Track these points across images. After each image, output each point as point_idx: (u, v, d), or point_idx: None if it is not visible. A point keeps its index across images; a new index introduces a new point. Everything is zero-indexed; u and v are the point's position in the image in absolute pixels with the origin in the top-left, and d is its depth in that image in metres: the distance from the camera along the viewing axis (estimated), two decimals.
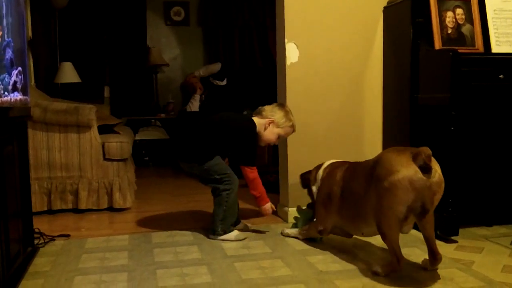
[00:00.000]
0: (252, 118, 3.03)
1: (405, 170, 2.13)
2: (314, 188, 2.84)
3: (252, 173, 2.91)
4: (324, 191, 2.70)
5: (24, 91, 2.40)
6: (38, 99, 3.84)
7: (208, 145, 2.93)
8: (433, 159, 2.19)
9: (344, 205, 2.55)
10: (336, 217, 2.63)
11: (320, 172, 2.81)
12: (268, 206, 3.00)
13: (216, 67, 6.54)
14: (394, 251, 2.20)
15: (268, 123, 2.98)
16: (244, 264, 2.50)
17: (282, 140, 3.21)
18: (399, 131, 3.24)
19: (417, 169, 2.11)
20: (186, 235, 3.04)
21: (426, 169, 2.11)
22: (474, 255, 2.57)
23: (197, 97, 6.45)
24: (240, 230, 3.05)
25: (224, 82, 6.42)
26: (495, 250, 2.65)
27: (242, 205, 3.35)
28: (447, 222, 2.79)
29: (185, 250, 2.74)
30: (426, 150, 2.16)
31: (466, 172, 2.93)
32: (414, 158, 2.14)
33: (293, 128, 3.04)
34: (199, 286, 2.21)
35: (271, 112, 3.00)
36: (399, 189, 2.12)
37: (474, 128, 2.93)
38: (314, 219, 2.85)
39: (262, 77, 6.13)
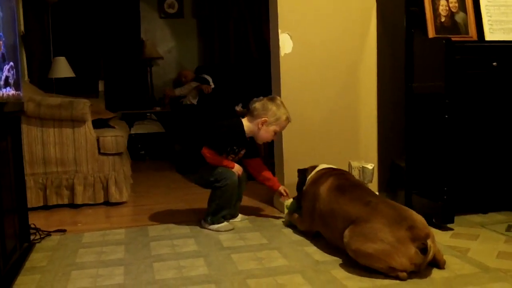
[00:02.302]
0: (244, 119, 3.00)
1: (404, 249, 2.07)
2: (304, 188, 2.88)
3: (209, 153, 2.91)
4: (309, 200, 2.72)
5: (16, 86, 2.39)
6: (32, 94, 3.82)
7: (197, 154, 2.95)
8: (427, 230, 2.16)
9: (326, 226, 2.55)
10: (319, 228, 2.65)
11: (311, 174, 2.85)
12: (238, 167, 3.01)
13: (193, 85, 6.42)
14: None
15: (261, 123, 2.94)
16: (240, 255, 2.50)
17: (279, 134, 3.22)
18: (394, 120, 3.24)
19: (416, 250, 2.07)
20: (183, 228, 3.05)
21: (424, 250, 2.08)
22: (470, 242, 2.58)
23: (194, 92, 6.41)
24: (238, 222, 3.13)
25: (212, 85, 6.35)
26: (491, 237, 2.66)
27: (245, 200, 3.38)
28: (442, 210, 2.80)
29: (181, 243, 2.74)
30: (425, 230, 2.12)
31: (461, 160, 2.93)
32: (413, 239, 2.07)
33: (288, 120, 2.98)
34: (196, 278, 2.21)
35: (263, 110, 2.93)
36: (398, 266, 2.09)
37: (468, 115, 2.93)
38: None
39: (258, 69, 6.11)
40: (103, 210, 3.66)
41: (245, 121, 2.99)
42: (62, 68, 5.66)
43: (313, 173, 2.85)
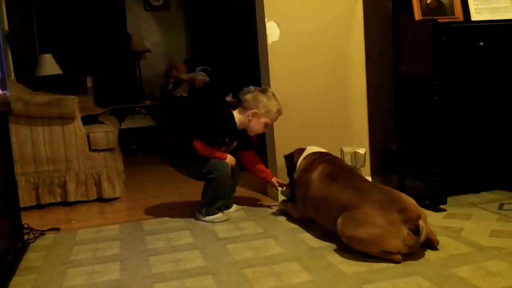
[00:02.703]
0: (235, 111, 3.00)
1: (397, 231, 2.08)
2: (295, 175, 2.88)
3: (201, 145, 2.91)
4: (302, 188, 2.73)
5: (2, 86, 2.37)
6: (19, 93, 3.79)
7: (189, 147, 2.94)
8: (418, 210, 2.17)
9: (319, 213, 2.56)
10: (312, 215, 2.66)
11: (300, 160, 2.84)
12: (231, 158, 3.00)
13: (200, 73, 6.41)
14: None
15: (251, 115, 2.94)
16: (236, 245, 2.51)
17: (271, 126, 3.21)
18: (384, 104, 3.24)
19: (408, 231, 2.07)
20: (178, 221, 3.04)
21: (417, 231, 2.08)
22: (463, 222, 2.59)
23: (185, 85, 6.38)
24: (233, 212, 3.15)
25: (207, 79, 6.32)
26: (484, 216, 2.68)
27: (239, 190, 3.40)
28: (435, 191, 2.81)
29: (177, 236, 2.74)
30: (416, 211, 2.13)
31: (452, 141, 2.94)
32: (405, 221, 2.08)
33: (279, 113, 2.98)
34: (193, 270, 2.21)
35: (254, 102, 2.92)
36: (392, 249, 2.10)
37: (457, 96, 2.93)
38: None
39: (247, 58, 6.09)
40: (96, 207, 3.65)
41: (236, 113, 2.99)
42: (49, 66, 5.61)
43: (302, 157, 2.84)
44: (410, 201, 2.20)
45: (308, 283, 1.99)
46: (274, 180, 3.15)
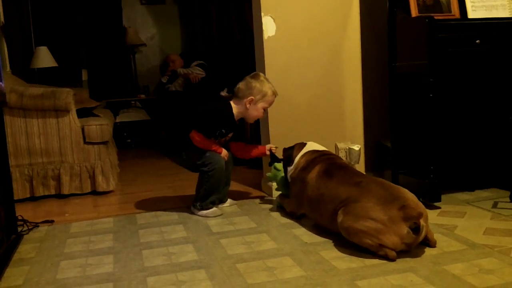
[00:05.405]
0: (231, 101, 2.99)
1: (397, 228, 2.07)
2: (289, 169, 2.86)
3: (199, 137, 2.90)
4: (297, 185, 2.72)
5: None
6: (14, 85, 3.77)
7: (185, 136, 2.94)
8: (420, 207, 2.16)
9: (315, 211, 2.56)
10: (307, 212, 2.66)
11: (298, 157, 2.81)
12: (225, 152, 3.01)
13: (196, 69, 6.41)
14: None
15: (248, 103, 2.92)
16: (229, 240, 2.51)
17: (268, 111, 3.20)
18: (379, 100, 3.25)
19: (408, 229, 2.06)
20: (171, 215, 3.04)
21: (416, 230, 2.07)
22: (457, 220, 2.60)
23: (180, 80, 6.37)
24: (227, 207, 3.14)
25: (204, 74, 6.31)
26: (477, 214, 2.68)
27: (233, 184, 3.39)
28: (429, 188, 2.82)
29: (170, 230, 2.74)
30: (417, 209, 2.10)
31: (446, 139, 2.95)
32: (406, 219, 2.06)
33: (274, 94, 2.96)
34: (186, 264, 2.21)
35: (248, 89, 2.92)
36: (389, 244, 2.10)
37: (453, 94, 2.94)
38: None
39: (242, 53, 6.08)
40: (90, 200, 3.64)
41: (232, 104, 2.98)
42: (45, 58, 5.58)
43: (300, 154, 2.81)
44: (412, 198, 2.18)
45: (300, 278, 1.99)
46: (267, 147, 3.12)
